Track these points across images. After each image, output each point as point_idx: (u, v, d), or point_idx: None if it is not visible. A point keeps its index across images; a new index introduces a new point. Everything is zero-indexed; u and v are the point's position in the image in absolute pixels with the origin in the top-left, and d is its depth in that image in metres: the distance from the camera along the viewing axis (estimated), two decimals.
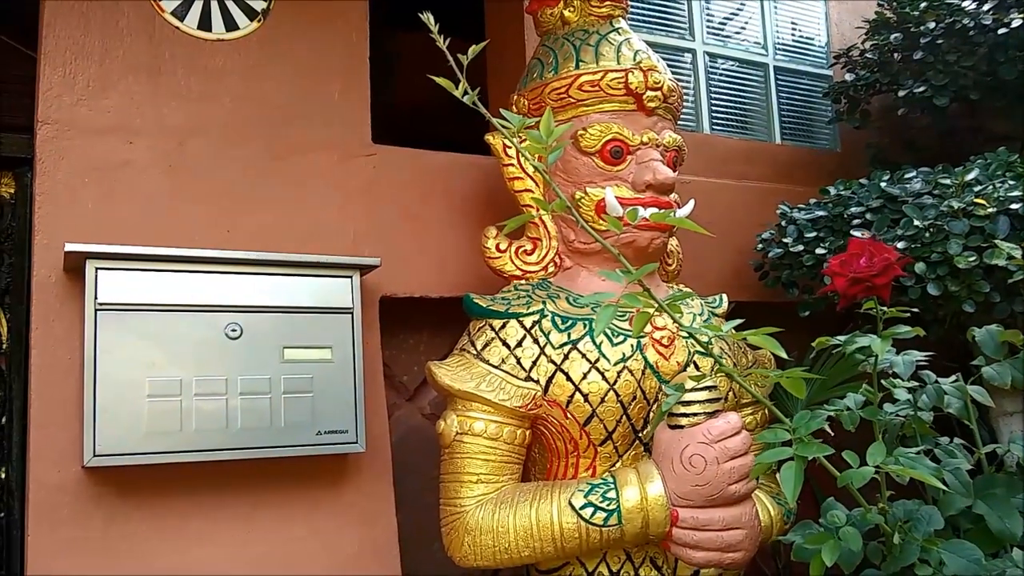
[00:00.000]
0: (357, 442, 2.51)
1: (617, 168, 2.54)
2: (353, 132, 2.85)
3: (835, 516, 1.63)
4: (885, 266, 1.54)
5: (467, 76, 1.42)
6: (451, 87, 1.39)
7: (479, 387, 2.36)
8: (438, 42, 1.39)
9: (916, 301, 2.69)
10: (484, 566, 2.31)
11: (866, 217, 2.87)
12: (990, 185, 2.67)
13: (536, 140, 1.40)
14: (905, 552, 1.58)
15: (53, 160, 2.44)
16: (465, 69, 1.40)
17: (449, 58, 1.38)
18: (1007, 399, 2.91)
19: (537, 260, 2.63)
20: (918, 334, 1.69)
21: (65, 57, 2.49)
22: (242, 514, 2.46)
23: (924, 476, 1.51)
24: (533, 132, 1.40)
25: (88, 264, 2.27)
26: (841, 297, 1.65)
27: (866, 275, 1.55)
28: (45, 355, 2.35)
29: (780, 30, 4.26)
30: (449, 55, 1.38)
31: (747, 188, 3.69)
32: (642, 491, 2.21)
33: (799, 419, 1.53)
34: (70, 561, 2.26)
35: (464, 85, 1.39)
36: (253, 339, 2.42)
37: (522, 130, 1.44)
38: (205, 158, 2.62)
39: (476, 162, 3.03)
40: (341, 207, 2.79)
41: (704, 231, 1.54)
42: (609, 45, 2.63)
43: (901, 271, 1.60)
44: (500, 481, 2.36)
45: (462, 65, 1.38)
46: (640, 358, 2.41)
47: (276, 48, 2.76)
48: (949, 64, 3.32)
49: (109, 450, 2.21)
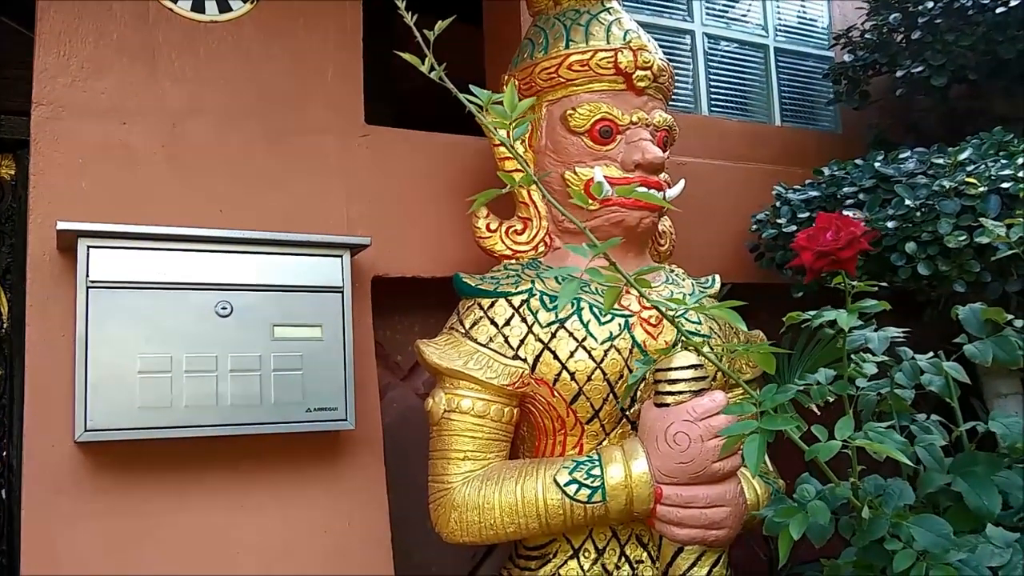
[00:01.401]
0: (347, 420, 2.53)
1: (606, 148, 2.54)
2: (347, 113, 2.87)
3: (805, 490, 1.64)
4: (850, 239, 1.55)
5: (464, 59, 1.44)
6: (417, 62, 1.40)
7: (467, 365, 2.38)
8: (405, 18, 1.41)
9: (907, 281, 2.69)
10: (471, 542, 2.34)
11: (859, 197, 2.86)
12: (982, 164, 2.65)
13: (500, 115, 1.41)
14: (874, 527, 1.59)
15: (48, 141, 2.47)
16: (432, 44, 1.41)
17: (416, 34, 1.39)
18: (1002, 381, 2.91)
19: (527, 240, 2.65)
20: (885, 307, 1.69)
21: (60, 39, 2.52)
22: (233, 490, 2.50)
23: (891, 451, 1.51)
24: (497, 107, 1.42)
25: (80, 242, 2.30)
26: (808, 271, 1.65)
27: (831, 249, 1.55)
28: (40, 333, 2.38)
29: (781, 11, 4.23)
30: (416, 31, 1.39)
31: (746, 170, 3.68)
32: (626, 468, 2.22)
33: (765, 392, 1.54)
34: (64, 534, 2.30)
35: (431, 60, 1.40)
36: (243, 317, 2.44)
37: (490, 105, 1.45)
38: (199, 139, 2.64)
39: (468, 143, 3.04)
40: (334, 188, 2.81)
41: (676, 210, 1.53)
42: (599, 25, 2.63)
43: (867, 245, 1.60)
44: (487, 458, 2.38)
45: (429, 40, 1.39)
46: (628, 337, 2.42)
47: (269, 30, 2.77)
48: (948, 44, 3.30)
49: (100, 425, 2.24)
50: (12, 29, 3.05)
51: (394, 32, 3.60)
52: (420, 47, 1.43)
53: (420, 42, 1.44)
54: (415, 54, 1.43)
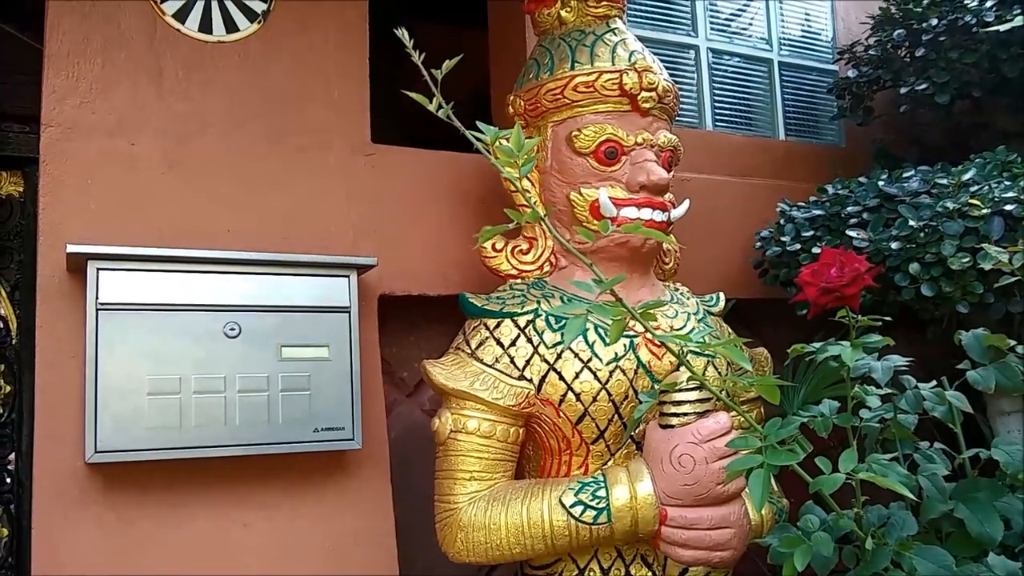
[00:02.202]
0: (354, 439, 2.56)
1: (611, 169, 2.55)
2: (353, 132, 2.89)
3: (809, 520, 1.66)
4: (855, 276, 1.56)
5: (469, 66, 1.44)
6: (425, 101, 1.42)
7: (473, 386, 2.40)
8: (413, 57, 1.42)
9: (911, 301, 2.70)
10: (477, 562, 2.36)
11: (863, 216, 2.87)
12: (985, 185, 2.66)
13: (507, 154, 1.42)
14: (877, 557, 1.61)
15: (57, 162, 2.49)
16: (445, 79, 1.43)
17: (424, 73, 1.41)
18: (1004, 399, 2.92)
19: (533, 260, 2.66)
20: (888, 343, 1.70)
21: (68, 59, 2.54)
22: (241, 508, 2.52)
23: (894, 485, 1.52)
24: (504, 147, 1.43)
25: (90, 265, 2.32)
26: (812, 305, 1.67)
27: (836, 285, 1.57)
28: (49, 353, 2.41)
29: (786, 26, 4.24)
30: (424, 70, 1.41)
31: (750, 185, 3.70)
32: (632, 490, 2.24)
33: (770, 426, 1.55)
34: (74, 552, 2.32)
35: (438, 99, 1.42)
36: (251, 338, 2.46)
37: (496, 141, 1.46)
38: (206, 159, 2.66)
39: (475, 161, 3.05)
40: (341, 207, 2.83)
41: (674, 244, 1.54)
42: (604, 46, 2.64)
43: (871, 282, 1.61)
44: (493, 479, 2.40)
45: (436, 80, 1.40)
46: (633, 358, 2.43)
47: (276, 49, 2.79)
48: (951, 61, 3.31)
49: (110, 446, 2.27)
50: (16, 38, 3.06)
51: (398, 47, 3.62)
52: (428, 62, 1.44)
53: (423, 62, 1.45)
54: (427, 64, 1.43)
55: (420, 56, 1.42)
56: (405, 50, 1.51)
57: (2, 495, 2.52)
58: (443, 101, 1.42)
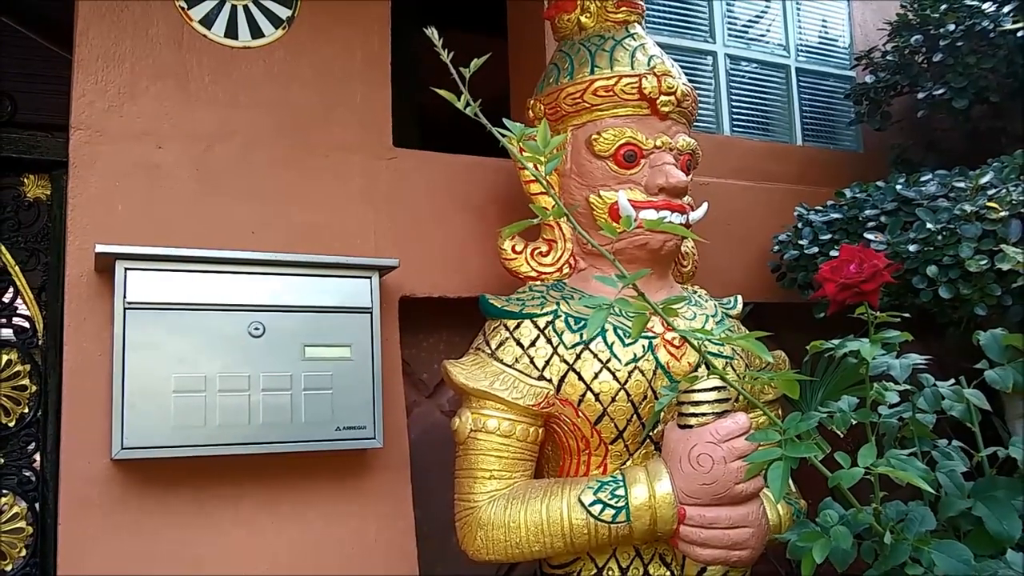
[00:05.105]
0: (375, 438, 2.59)
1: (630, 172, 2.58)
2: (375, 136, 2.93)
3: (828, 515, 1.67)
4: (873, 272, 1.58)
5: (487, 73, 1.47)
6: (453, 99, 1.45)
7: (493, 386, 2.43)
8: (442, 55, 1.46)
9: (929, 304, 2.71)
10: (496, 560, 2.38)
11: (880, 220, 2.88)
12: (1003, 188, 2.67)
13: (534, 151, 1.46)
14: (896, 552, 1.62)
15: (85, 165, 2.55)
16: (468, 82, 1.46)
17: (452, 71, 1.44)
18: (1022, 400, 2.92)
19: (552, 261, 2.69)
20: (907, 338, 1.72)
21: (97, 64, 2.59)
22: (263, 506, 2.55)
23: (912, 478, 1.54)
24: (531, 143, 1.46)
25: (118, 264, 2.37)
26: (831, 302, 1.69)
27: (855, 281, 1.59)
28: (77, 352, 2.45)
29: (803, 32, 4.26)
30: (452, 68, 1.44)
31: (768, 190, 3.72)
32: (650, 489, 2.25)
33: (790, 420, 1.57)
34: (99, 549, 2.36)
35: (466, 97, 1.45)
36: (275, 337, 2.50)
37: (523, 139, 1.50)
38: (231, 162, 2.71)
39: (494, 164, 3.09)
40: (363, 209, 2.87)
41: (699, 238, 1.57)
42: (624, 50, 2.67)
43: (890, 278, 1.63)
44: (513, 477, 2.42)
45: (464, 78, 1.44)
46: (651, 359, 2.45)
47: (300, 55, 2.84)
48: (969, 66, 3.32)
49: (136, 443, 2.31)
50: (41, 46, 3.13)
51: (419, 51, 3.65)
52: (445, 65, 1.47)
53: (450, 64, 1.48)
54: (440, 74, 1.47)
55: (448, 55, 1.45)
56: (418, 56, 1.54)
57: (27, 493, 2.56)
58: (471, 99, 1.46)
